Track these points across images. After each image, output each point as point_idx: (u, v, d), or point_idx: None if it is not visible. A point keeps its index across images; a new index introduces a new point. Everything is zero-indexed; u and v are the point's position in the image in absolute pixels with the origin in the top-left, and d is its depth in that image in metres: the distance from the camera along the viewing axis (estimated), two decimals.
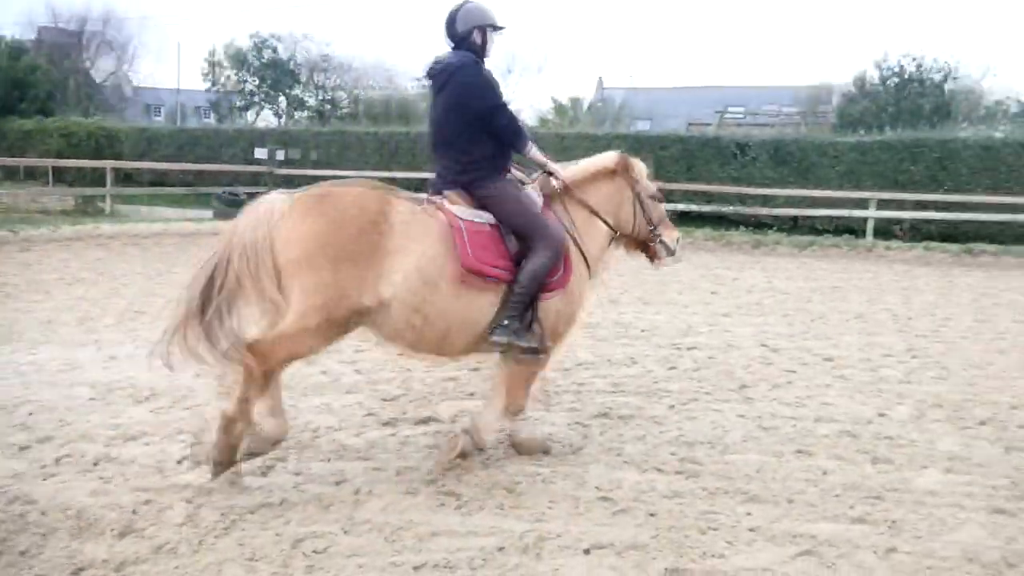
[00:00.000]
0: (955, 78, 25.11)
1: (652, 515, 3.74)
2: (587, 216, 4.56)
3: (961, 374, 6.40)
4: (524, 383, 4.40)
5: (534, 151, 4.42)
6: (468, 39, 4.31)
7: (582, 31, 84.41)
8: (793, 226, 18.30)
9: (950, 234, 16.61)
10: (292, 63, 35.06)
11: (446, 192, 4.25)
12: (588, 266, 4.48)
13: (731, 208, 18.40)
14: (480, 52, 4.34)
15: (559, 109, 32.33)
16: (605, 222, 4.63)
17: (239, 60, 34.39)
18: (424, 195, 4.29)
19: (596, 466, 4.32)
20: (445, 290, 3.93)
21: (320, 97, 36.07)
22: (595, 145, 20.55)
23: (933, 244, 15.52)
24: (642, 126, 31.58)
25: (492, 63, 4.51)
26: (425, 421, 5.00)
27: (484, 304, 4.07)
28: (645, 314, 8.64)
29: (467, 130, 4.22)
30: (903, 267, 13.69)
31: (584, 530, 3.56)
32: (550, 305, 4.22)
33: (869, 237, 16.26)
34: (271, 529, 3.48)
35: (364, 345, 6.71)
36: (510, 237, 4.17)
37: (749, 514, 3.77)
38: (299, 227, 3.72)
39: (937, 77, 24.90)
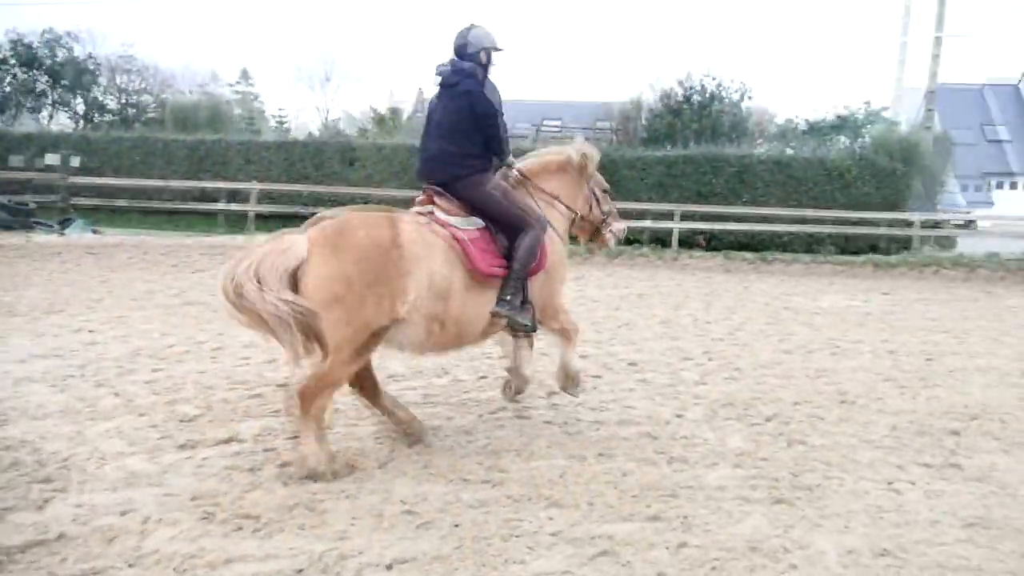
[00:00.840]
0: (750, 97, 26.96)
1: (457, 526, 3.75)
2: (549, 201, 5.29)
3: (751, 374, 6.85)
4: (566, 332, 5.25)
5: (511, 159, 5.17)
6: (476, 57, 4.98)
7: (402, 40, 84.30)
8: None
9: (747, 243, 17.85)
10: (91, 63, 32.78)
11: (436, 200, 4.82)
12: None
13: None
14: (485, 68, 5.03)
15: (379, 119, 32.00)
16: (566, 206, 5.40)
17: (29, 57, 31.78)
18: (419, 203, 4.92)
19: (403, 479, 4.29)
20: (457, 297, 4.54)
21: (123, 100, 33.96)
22: (414, 156, 20.56)
23: (732, 253, 16.63)
24: None
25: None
26: (226, 441, 4.77)
27: (490, 297, 4.69)
28: None
29: (467, 131, 4.84)
30: (705, 275, 14.56)
31: (388, 545, 3.52)
32: (534, 284, 4.88)
33: (675, 247, 17.18)
34: (43, 569, 3.21)
35: (162, 364, 6.39)
36: (499, 235, 4.79)
37: (551, 519, 3.86)
38: (323, 269, 4.15)
39: (735, 96, 26.64)
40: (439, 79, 5.01)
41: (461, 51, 5.01)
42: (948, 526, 3.93)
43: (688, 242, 18.04)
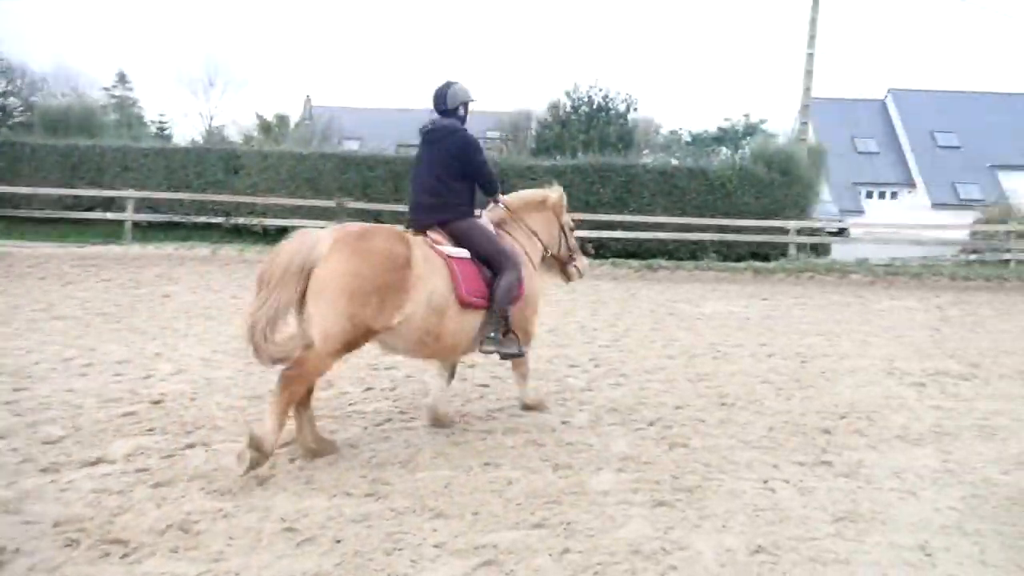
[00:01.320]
0: (635, 109, 27.72)
1: (338, 541, 3.67)
2: (528, 235, 5.84)
3: (636, 379, 6.99)
4: (522, 371, 5.83)
5: (500, 196, 5.74)
6: (455, 111, 5.44)
7: (291, 46, 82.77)
8: None
9: (634, 251, 18.27)
10: None
11: (428, 232, 5.21)
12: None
13: None
14: (463, 120, 5.49)
15: (264, 126, 31.31)
16: (541, 243, 5.95)
17: None
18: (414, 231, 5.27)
19: (283, 496, 4.17)
20: (450, 314, 4.94)
21: None
22: (301, 164, 20.29)
23: (619, 261, 16.96)
24: (351, 146, 31.48)
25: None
26: (93, 463, 4.54)
27: (476, 321, 5.12)
28: None
29: (454, 177, 5.27)
30: (593, 282, 14.75)
31: (266, 565, 3.42)
32: (514, 313, 5.31)
33: None
34: None
35: (24, 383, 6.04)
36: (484, 267, 5.16)
37: (435, 531, 3.82)
38: (341, 265, 4.49)
39: (622, 107, 27.31)
40: (424, 135, 5.45)
41: (441, 106, 5.47)
42: (819, 521, 4.09)
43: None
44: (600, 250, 18.58)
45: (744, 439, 5.40)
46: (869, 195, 43.16)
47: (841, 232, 23.78)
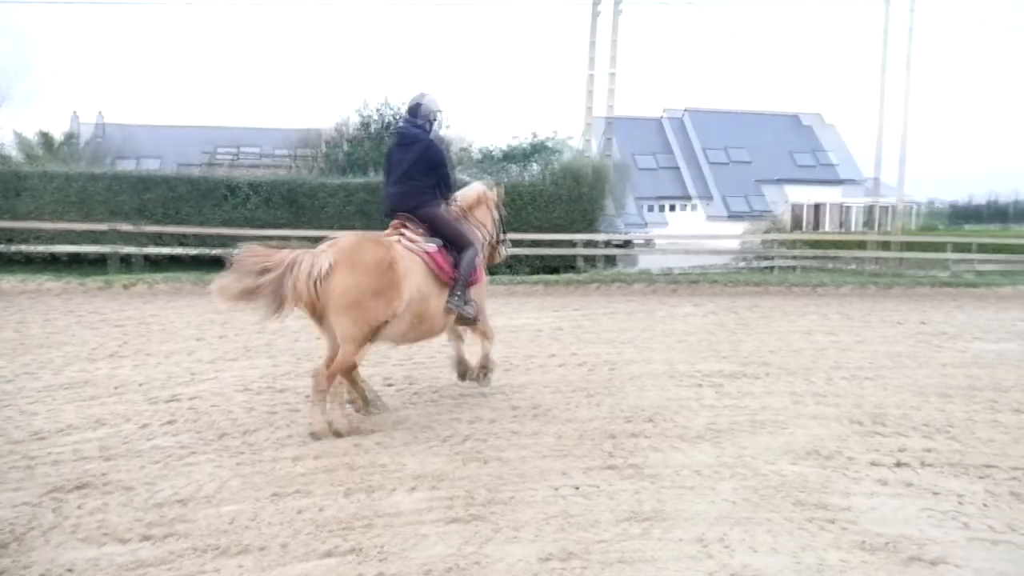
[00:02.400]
0: (448, 126, 27.78)
1: None
2: (477, 226, 6.96)
3: (452, 395, 7.02)
4: (485, 324, 6.97)
5: (454, 195, 6.86)
6: (426, 119, 6.65)
7: (52, 61, 76.64)
8: None
9: None
10: None
11: (406, 225, 6.36)
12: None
13: (223, 250, 18.07)
14: (430, 128, 6.70)
15: (23, 143, 28.70)
16: (485, 233, 7.08)
17: None
18: (392, 228, 6.44)
19: (43, 549, 3.82)
20: (431, 298, 6.17)
21: None
22: (68, 185, 18.71)
23: None
24: (126, 165, 29.53)
25: None
26: None
27: (442, 299, 6.29)
28: (120, 369, 7.98)
29: (424, 173, 6.43)
30: None
31: None
32: (473, 292, 6.56)
33: None
34: None
35: None
36: (451, 252, 6.37)
37: (241, 567, 3.66)
38: (344, 282, 5.57)
39: None
40: (397, 137, 6.71)
41: (415, 113, 6.65)
42: (607, 523, 4.24)
43: None
44: None
45: (557, 448, 5.53)
46: (673, 208, 45.92)
47: (648, 243, 25.14)
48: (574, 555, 3.84)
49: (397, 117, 26.56)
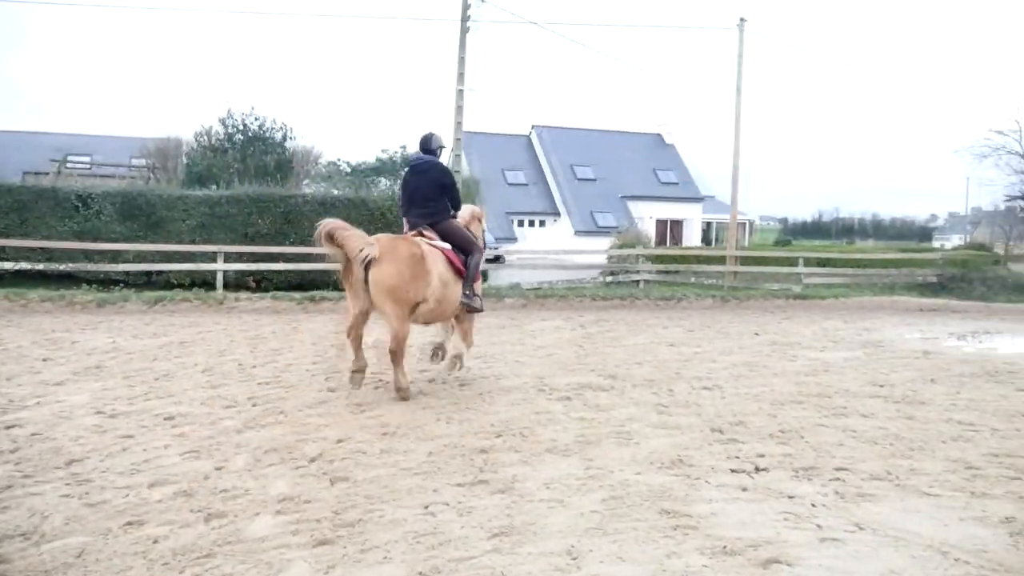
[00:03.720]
0: (293, 138, 27.31)
1: None
2: (472, 239, 8.33)
3: (296, 416, 6.81)
4: (470, 330, 8.58)
5: (457, 212, 8.38)
6: (435, 151, 8.22)
7: None
8: (147, 282, 17.82)
9: (298, 283, 17.95)
10: None
11: (423, 232, 7.87)
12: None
13: (74, 265, 17.16)
14: (438, 155, 8.29)
15: None
16: (480, 243, 8.60)
17: None
18: (411, 233, 7.92)
19: None
20: (450, 285, 7.69)
21: None
22: None
23: (280, 294, 16.52)
24: None
25: None
26: None
27: (459, 289, 7.87)
28: None
29: (437, 194, 8.00)
30: (253, 317, 14.27)
31: None
32: (477, 288, 8.24)
33: (220, 290, 16.63)
34: None
35: None
36: (460, 253, 7.95)
37: None
38: (389, 270, 7.07)
39: (279, 136, 26.76)
40: (412, 167, 8.22)
41: (426, 146, 8.22)
42: (477, 539, 4.23)
43: (237, 284, 17.63)
44: (261, 283, 18.02)
45: (405, 467, 5.46)
46: (521, 223, 46.39)
47: (497, 260, 25.28)
48: (443, 573, 3.81)
49: (262, 128, 25.96)
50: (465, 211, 8.52)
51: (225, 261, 17.18)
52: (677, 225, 47.06)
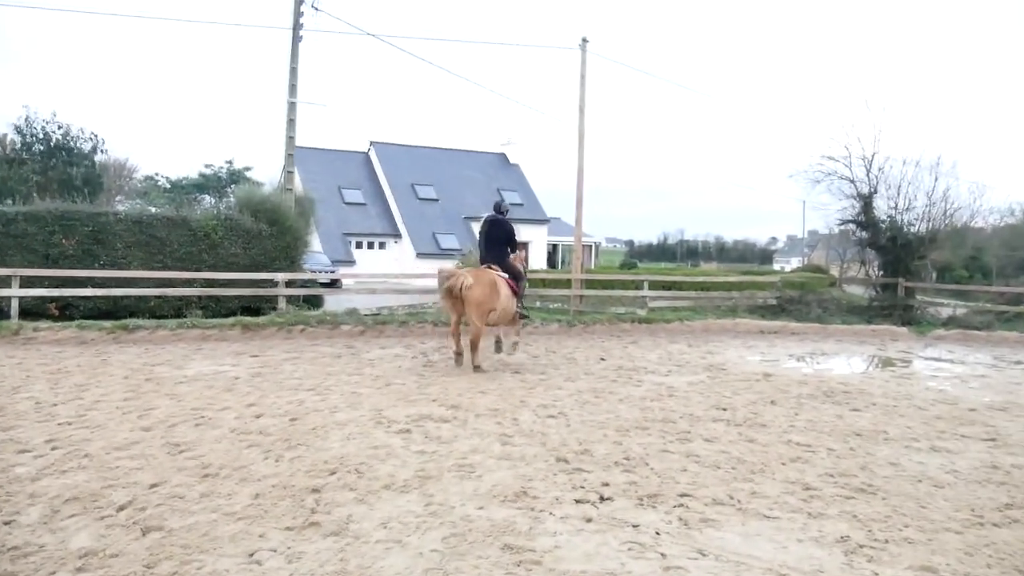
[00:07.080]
0: (104, 150, 25.95)
1: None
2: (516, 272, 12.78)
3: (104, 459, 6.40)
4: (519, 328, 13.45)
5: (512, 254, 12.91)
6: (504, 210, 12.79)
7: None
8: None
9: (109, 310, 16.94)
10: None
11: (491, 265, 12.17)
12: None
13: None
14: (506, 214, 12.80)
15: None
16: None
17: None
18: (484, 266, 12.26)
19: None
20: (508, 299, 11.99)
21: None
22: None
23: (88, 322, 15.52)
24: None
25: None
26: None
27: (514, 302, 12.25)
28: None
29: (503, 244, 12.60)
30: (54, 349, 13.37)
31: None
32: (519, 300, 12.74)
33: (15, 319, 15.48)
34: None
35: None
36: (513, 279, 12.28)
37: None
38: (478, 291, 11.35)
39: (87, 146, 25.35)
40: (490, 222, 12.55)
41: (498, 208, 12.71)
42: None
43: (36, 312, 16.43)
44: (65, 310, 16.89)
45: (228, 511, 5.23)
46: (359, 245, 45.92)
47: (333, 284, 24.83)
48: None
49: (67, 137, 24.55)
50: (513, 255, 12.88)
51: (21, 286, 16.01)
52: (522, 247, 47.94)
